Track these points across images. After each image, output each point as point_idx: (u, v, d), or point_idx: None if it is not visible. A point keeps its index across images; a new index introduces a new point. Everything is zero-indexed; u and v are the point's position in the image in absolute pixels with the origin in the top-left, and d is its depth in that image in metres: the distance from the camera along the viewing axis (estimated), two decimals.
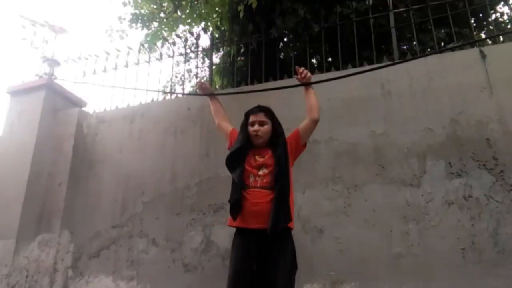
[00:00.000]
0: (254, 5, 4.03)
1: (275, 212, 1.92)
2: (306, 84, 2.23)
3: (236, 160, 2.09)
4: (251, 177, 2.04)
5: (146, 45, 4.38)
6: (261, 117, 2.17)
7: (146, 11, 5.80)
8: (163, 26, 5.41)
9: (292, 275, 1.95)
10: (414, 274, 2.54)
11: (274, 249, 1.94)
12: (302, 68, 2.21)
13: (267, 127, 2.16)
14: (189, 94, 4.61)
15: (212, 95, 2.48)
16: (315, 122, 2.18)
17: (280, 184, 1.99)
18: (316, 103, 2.19)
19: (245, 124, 2.20)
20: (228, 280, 1.95)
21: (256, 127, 2.14)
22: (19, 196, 3.64)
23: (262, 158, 2.09)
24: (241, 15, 4.22)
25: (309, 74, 2.22)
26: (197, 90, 2.55)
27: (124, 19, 6.10)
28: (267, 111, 2.22)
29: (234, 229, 2.12)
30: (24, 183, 3.68)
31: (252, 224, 1.97)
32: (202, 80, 2.52)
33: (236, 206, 1.99)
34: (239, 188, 2.01)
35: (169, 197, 3.35)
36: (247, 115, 2.22)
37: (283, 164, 2.04)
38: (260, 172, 2.04)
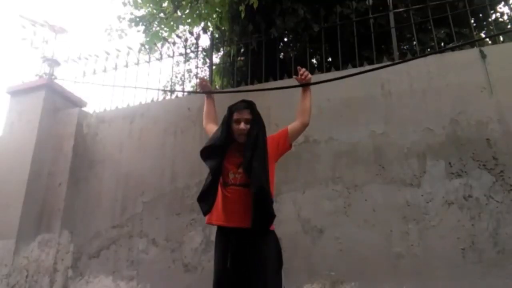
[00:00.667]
0: (255, 5, 4.03)
1: (257, 211, 1.86)
2: (306, 85, 2.22)
3: (213, 152, 2.03)
4: (230, 175, 2.00)
5: (146, 45, 4.38)
6: (247, 114, 2.08)
7: (146, 11, 5.79)
8: (162, 26, 5.41)
9: (278, 273, 1.93)
10: (414, 274, 2.54)
11: (257, 247, 1.90)
12: (303, 69, 2.20)
13: (248, 127, 2.07)
14: (189, 92, 4.61)
15: (210, 94, 2.45)
16: (305, 125, 2.14)
17: (255, 181, 1.90)
18: (309, 107, 2.15)
19: (228, 119, 2.10)
20: (213, 280, 1.93)
21: (242, 125, 2.05)
22: (19, 196, 3.64)
23: (241, 155, 2.02)
24: (242, 15, 4.21)
25: (309, 75, 2.20)
26: (198, 87, 2.51)
27: (124, 18, 6.08)
28: (252, 108, 2.12)
29: None
30: (24, 183, 3.68)
31: (233, 223, 1.94)
32: (204, 78, 2.46)
33: (208, 197, 1.95)
34: (212, 187, 1.96)
35: (169, 197, 3.35)
36: (231, 110, 2.12)
37: (263, 189, 1.92)
38: (240, 169, 2.00)
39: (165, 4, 5.47)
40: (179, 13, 5.18)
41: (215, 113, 2.36)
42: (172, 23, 5.13)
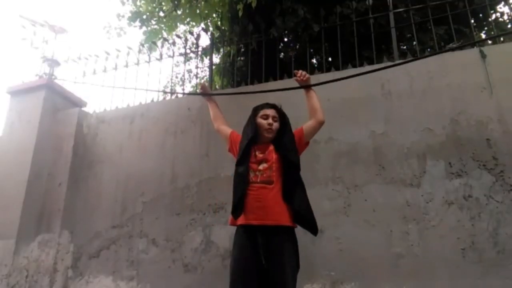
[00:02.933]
0: (253, 4, 4.03)
1: (302, 205, 1.96)
2: (306, 86, 2.24)
3: (245, 157, 2.08)
4: (251, 173, 2.04)
5: (146, 45, 4.38)
6: (274, 113, 2.18)
7: (145, 10, 5.77)
8: (162, 25, 5.40)
9: (295, 274, 1.94)
10: (414, 274, 2.54)
11: (279, 246, 1.91)
12: (300, 71, 2.22)
13: (277, 124, 2.16)
14: (189, 93, 4.61)
15: (210, 96, 2.49)
16: (320, 123, 2.19)
17: (291, 179, 2.01)
18: (319, 105, 2.20)
19: (254, 117, 2.18)
20: (233, 278, 1.91)
21: (270, 120, 2.15)
22: (19, 196, 3.64)
23: (262, 154, 2.08)
24: (240, 14, 4.21)
25: (307, 75, 2.22)
26: (199, 90, 2.56)
27: (123, 16, 6.04)
28: (278, 109, 2.22)
29: (234, 229, 2.11)
30: (24, 183, 3.68)
31: (254, 220, 1.95)
32: (204, 82, 2.54)
33: (240, 204, 1.98)
34: (240, 187, 2.00)
35: (169, 197, 3.35)
36: (257, 109, 2.22)
37: (292, 158, 2.06)
38: (260, 167, 2.04)
39: (164, 3, 5.47)
40: (179, 12, 5.19)
41: (221, 114, 2.44)
42: (171, 21, 5.14)
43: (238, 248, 1.98)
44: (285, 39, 5.26)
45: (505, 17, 5.72)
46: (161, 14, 5.58)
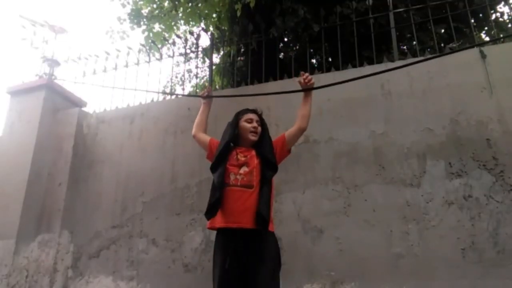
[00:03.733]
0: (252, 4, 4.03)
1: (265, 210, 1.92)
2: (308, 90, 2.24)
3: (221, 160, 2.07)
4: (231, 176, 2.03)
5: (145, 45, 4.38)
6: (257, 117, 2.22)
7: (145, 10, 5.78)
8: (162, 26, 5.40)
9: (277, 275, 1.94)
10: (414, 274, 2.54)
11: (257, 249, 1.91)
12: (307, 74, 2.22)
13: (260, 128, 2.19)
14: (189, 95, 4.61)
15: (209, 100, 2.49)
16: (302, 130, 2.20)
17: (265, 182, 1.99)
18: (309, 113, 2.21)
19: (236, 122, 2.20)
20: (215, 283, 1.92)
21: (255, 124, 2.17)
22: (19, 196, 3.64)
23: (244, 157, 2.08)
24: (239, 13, 4.21)
25: (312, 80, 2.22)
26: (205, 93, 2.54)
27: (124, 20, 6.07)
28: (259, 115, 2.26)
29: None
30: (24, 183, 3.68)
31: (232, 223, 1.94)
32: (210, 87, 2.56)
33: (216, 206, 1.97)
34: (219, 188, 1.99)
35: (169, 197, 3.35)
36: (240, 114, 2.24)
37: (273, 164, 2.05)
38: (241, 171, 2.03)
39: (165, 4, 5.47)
40: (179, 13, 5.19)
41: (206, 125, 2.44)
42: (170, 20, 5.13)
43: (219, 254, 1.98)
44: (285, 39, 5.26)
45: (505, 17, 5.72)
46: (161, 13, 5.58)
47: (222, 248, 1.97)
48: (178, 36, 4.50)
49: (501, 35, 5.03)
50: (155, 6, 5.64)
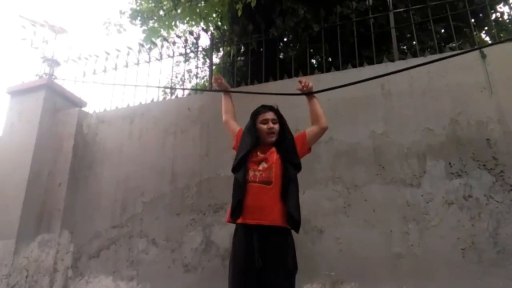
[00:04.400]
0: (253, 4, 4.02)
1: (296, 212, 1.95)
2: (308, 94, 2.24)
3: (242, 163, 2.08)
4: (250, 172, 2.04)
5: (145, 44, 4.37)
6: (273, 115, 2.19)
7: (146, 8, 5.75)
8: (161, 23, 5.38)
9: (292, 275, 1.94)
10: (414, 274, 2.54)
11: (276, 247, 1.92)
12: (304, 80, 2.23)
13: (277, 126, 2.16)
14: (200, 90, 4.61)
15: (222, 91, 2.45)
16: (324, 130, 2.21)
17: (287, 180, 1.99)
18: (322, 112, 2.22)
19: (253, 125, 2.18)
20: (232, 278, 1.91)
21: (271, 124, 2.15)
22: (19, 196, 3.63)
23: (263, 154, 2.09)
24: (240, 13, 4.21)
25: (310, 84, 2.22)
26: (213, 84, 2.51)
27: (124, 13, 5.99)
28: (276, 110, 2.23)
29: (233, 228, 2.11)
30: (24, 183, 3.68)
31: (251, 220, 1.95)
32: (220, 76, 2.49)
33: (240, 206, 1.98)
34: (240, 187, 2.00)
35: (169, 197, 3.35)
36: (255, 114, 2.21)
37: (295, 160, 2.06)
38: (260, 167, 2.04)
39: (165, 2, 5.46)
40: (178, 11, 5.18)
41: (233, 109, 2.40)
42: (170, 20, 5.12)
43: (237, 249, 1.99)
44: (285, 39, 5.26)
45: (505, 16, 5.72)
46: (161, 12, 5.56)
47: (240, 244, 1.98)
48: (178, 36, 4.51)
49: (501, 35, 5.04)
50: (154, 5, 5.62)
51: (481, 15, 5.19)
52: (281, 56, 4.93)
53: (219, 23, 5.47)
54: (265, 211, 1.93)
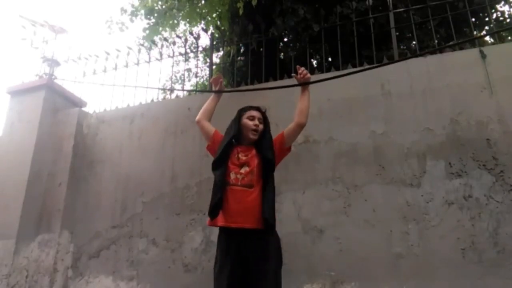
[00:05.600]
0: (254, 3, 4.02)
1: (269, 209, 1.93)
2: (305, 84, 2.23)
3: (223, 158, 2.06)
4: (232, 175, 2.02)
5: (146, 44, 4.37)
6: (259, 115, 2.19)
7: (148, 5, 5.72)
8: (162, 21, 5.36)
9: (278, 273, 1.94)
10: (414, 274, 2.54)
11: (259, 248, 1.92)
12: (303, 68, 2.21)
13: (262, 126, 2.16)
14: (200, 91, 4.61)
15: (219, 93, 2.43)
16: (301, 126, 2.15)
17: (267, 181, 1.99)
18: (307, 108, 2.17)
19: (238, 119, 2.18)
20: (217, 282, 1.92)
21: (256, 121, 2.14)
22: (19, 196, 3.64)
23: (245, 156, 2.07)
24: (241, 12, 4.20)
25: (308, 74, 2.21)
26: (211, 81, 2.49)
27: (126, 11, 5.97)
28: (262, 112, 2.23)
29: None
30: (24, 183, 3.68)
31: (234, 223, 1.94)
32: (219, 75, 2.47)
33: (219, 206, 1.97)
34: (220, 188, 1.99)
35: (169, 197, 3.35)
36: (243, 110, 2.21)
37: (271, 161, 2.04)
38: (242, 170, 2.02)
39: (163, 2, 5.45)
40: (178, 11, 5.18)
41: (212, 114, 2.36)
42: (170, 20, 5.12)
43: (221, 253, 1.98)
44: (285, 39, 5.26)
45: (506, 15, 5.72)
46: (162, 7, 5.54)
47: (223, 247, 1.98)
48: (178, 36, 4.51)
49: (502, 34, 5.03)
50: (154, 3, 5.61)
51: (481, 14, 5.19)
52: (281, 56, 4.93)
53: (219, 23, 5.46)
54: (248, 215, 1.93)
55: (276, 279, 1.91)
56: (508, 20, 5.65)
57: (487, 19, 5.21)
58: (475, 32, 4.25)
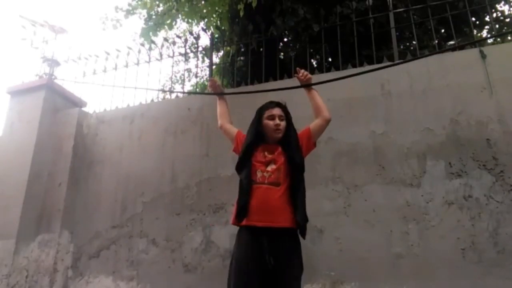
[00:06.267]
0: (254, 4, 4.02)
1: (301, 209, 1.91)
2: (307, 86, 2.23)
3: (246, 159, 2.03)
4: (258, 173, 1.98)
5: (145, 43, 4.36)
6: (280, 111, 2.13)
7: (147, 5, 5.71)
8: (159, 20, 5.35)
9: (300, 276, 1.93)
10: (414, 274, 2.54)
11: (283, 250, 1.88)
12: (303, 70, 2.21)
13: (284, 123, 2.10)
14: (189, 92, 4.61)
15: (221, 95, 2.42)
16: (327, 121, 2.15)
17: (298, 181, 1.96)
18: (323, 103, 2.17)
19: (258, 120, 2.13)
20: (234, 279, 1.86)
21: (277, 121, 2.08)
22: (19, 196, 3.63)
23: (271, 154, 2.03)
24: (241, 13, 4.20)
25: (309, 75, 2.21)
26: (208, 87, 2.48)
27: (121, 9, 5.93)
28: (283, 107, 2.17)
29: (234, 229, 2.07)
30: (24, 183, 3.68)
31: (258, 222, 1.89)
32: (215, 79, 2.44)
33: (246, 207, 1.92)
34: (247, 188, 1.94)
35: (169, 197, 3.35)
36: (262, 110, 2.16)
37: (298, 160, 2.00)
38: (268, 168, 1.98)
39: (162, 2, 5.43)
40: (177, 11, 5.17)
41: (229, 112, 2.35)
42: (169, 19, 5.11)
43: (241, 248, 1.92)
44: (285, 39, 5.26)
45: (506, 14, 5.72)
46: (160, 8, 5.52)
47: (245, 244, 1.91)
48: (178, 36, 4.51)
49: (500, 33, 5.03)
50: (159, 4, 5.59)
51: (481, 14, 5.19)
52: (281, 56, 4.93)
53: (219, 23, 5.45)
54: (274, 214, 1.89)
55: (298, 280, 1.90)
56: (508, 20, 5.66)
57: (487, 18, 5.22)
58: (475, 32, 4.25)
